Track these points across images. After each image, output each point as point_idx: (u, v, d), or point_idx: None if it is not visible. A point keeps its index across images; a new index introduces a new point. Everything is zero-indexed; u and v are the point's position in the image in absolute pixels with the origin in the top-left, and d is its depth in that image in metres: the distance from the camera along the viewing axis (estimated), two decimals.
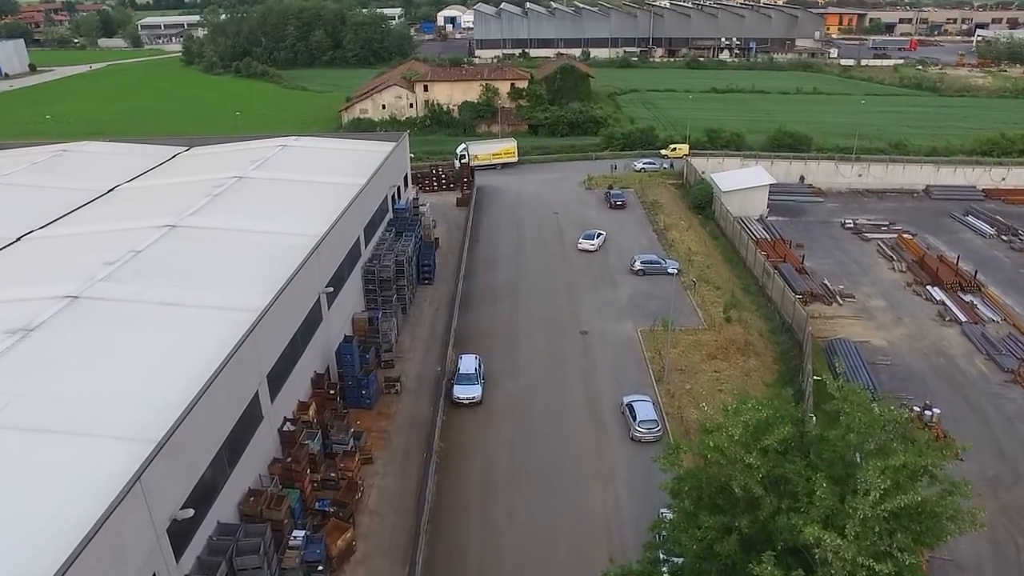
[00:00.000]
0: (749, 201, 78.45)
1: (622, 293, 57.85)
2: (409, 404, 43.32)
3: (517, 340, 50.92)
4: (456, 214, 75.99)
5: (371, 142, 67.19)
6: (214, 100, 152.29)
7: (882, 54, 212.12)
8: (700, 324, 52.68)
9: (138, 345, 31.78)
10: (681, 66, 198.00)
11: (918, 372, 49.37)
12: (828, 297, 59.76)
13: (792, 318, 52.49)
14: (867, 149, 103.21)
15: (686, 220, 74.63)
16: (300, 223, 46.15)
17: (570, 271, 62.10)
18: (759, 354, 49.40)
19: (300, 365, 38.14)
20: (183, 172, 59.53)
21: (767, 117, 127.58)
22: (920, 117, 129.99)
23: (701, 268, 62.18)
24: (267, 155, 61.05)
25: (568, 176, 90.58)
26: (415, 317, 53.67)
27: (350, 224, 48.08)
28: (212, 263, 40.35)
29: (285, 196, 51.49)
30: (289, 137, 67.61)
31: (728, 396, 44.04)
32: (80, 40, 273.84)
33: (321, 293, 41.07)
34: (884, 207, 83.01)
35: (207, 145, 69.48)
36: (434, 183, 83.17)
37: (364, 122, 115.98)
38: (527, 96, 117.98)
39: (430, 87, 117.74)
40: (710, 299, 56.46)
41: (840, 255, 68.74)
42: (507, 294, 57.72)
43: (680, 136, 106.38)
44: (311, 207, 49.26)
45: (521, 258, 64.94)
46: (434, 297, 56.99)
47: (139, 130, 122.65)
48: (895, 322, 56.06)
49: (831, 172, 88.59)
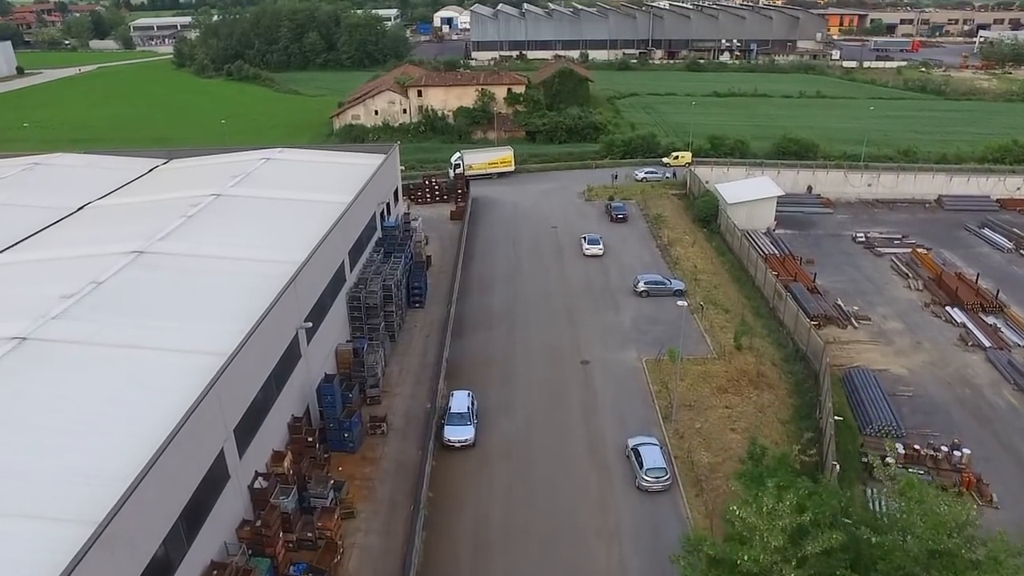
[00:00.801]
0: (756, 214, 75.17)
1: (625, 316, 54.50)
2: (396, 446, 39.93)
3: (514, 370, 47.56)
4: (450, 228, 72.60)
5: (359, 154, 63.78)
6: (204, 105, 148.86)
7: (884, 56, 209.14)
8: (709, 352, 49.35)
9: (88, 399, 28.40)
10: (681, 68, 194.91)
11: (942, 404, 46.09)
12: (842, 320, 56.47)
13: (807, 345, 49.18)
14: (875, 156, 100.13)
15: (691, 234, 71.31)
16: (279, 248, 42.80)
17: (570, 292, 58.74)
18: (772, 386, 46.08)
19: (275, 411, 34.75)
20: (159, 188, 56.10)
21: (771, 122, 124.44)
22: (927, 122, 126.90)
23: (708, 288, 58.86)
24: (249, 169, 57.66)
25: (567, 186, 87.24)
26: (404, 345, 50.28)
27: (333, 248, 44.71)
28: (179, 296, 36.92)
29: (264, 217, 48.09)
30: (273, 149, 64.20)
31: (740, 435, 40.90)
32: (71, 42, 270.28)
33: (299, 328, 37.67)
34: (896, 219, 79.77)
35: (188, 157, 66.03)
36: (427, 195, 79.75)
37: (356, 128, 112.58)
38: (524, 101, 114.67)
39: (424, 92, 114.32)
40: (719, 323, 53.13)
41: (853, 272, 65.47)
42: (503, 318, 54.35)
43: (682, 143, 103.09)
44: (292, 229, 45.90)
45: (518, 277, 61.57)
46: (425, 322, 53.61)
47: (124, 137, 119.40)
48: (914, 347, 52.77)
49: (840, 182, 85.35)
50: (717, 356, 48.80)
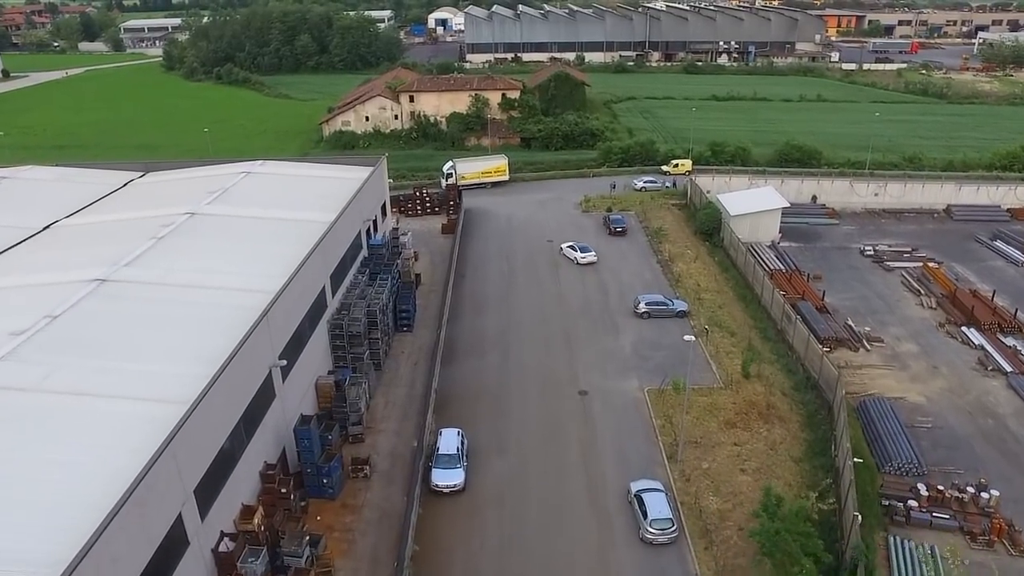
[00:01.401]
0: (760, 226, 72.27)
1: (625, 340, 51.51)
2: (380, 491, 36.88)
3: (507, 402, 44.53)
4: (441, 243, 69.54)
5: (345, 167, 60.68)
6: (192, 110, 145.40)
7: (884, 58, 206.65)
8: (715, 381, 46.37)
9: (28, 461, 25.33)
10: (679, 71, 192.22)
11: (964, 437, 43.20)
12: (854, 342, 53.56)
13: (819, 373, 46.24)
14: (880, 163, 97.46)
15: (693, 248, 68.36)
16: (254, 274, 39.74)
17: (567, 313, 55.73)
18: (783, 419, 43.12)
19: (244, 461, 31.69)
20: (131, 205, 52.98)
21: (772, 127, 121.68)
22: (931, 127, 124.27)
23: (712, 308, 55.91)
24: (227, 184, 54.55)
25: (563, 197, 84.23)
26: (391, 374, 47.21)
27: (313, 273, 41.65)
28: (141, 333, 33.82)
29: (240, 238, 44.99)
30: (255, 162, 61.09)
31: (751, 477, 37.97)
32: (60, 44, 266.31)
33: (273, 367, 34.61)
34: (904, 230, 76.94)
35: (166, 170, 62.88)
36: (417, 207, 76.68)
37: (346, 135, 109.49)
38: (519, 107, 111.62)
39: (416, 97, 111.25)
40: (724, 348, 50.18)
41: (862, 288, 62.60)
42: (496, 342, 51.31)
43: (682, 150, 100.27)
44: (269, 253, 42.83)
45: (512, 296, 58.54)
46: (413, 347, 50.56)
47: (108, 144, 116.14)
48: (931, 372, 49.90)
49: (846, 191, 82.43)
50: (724, 385, 45.82)
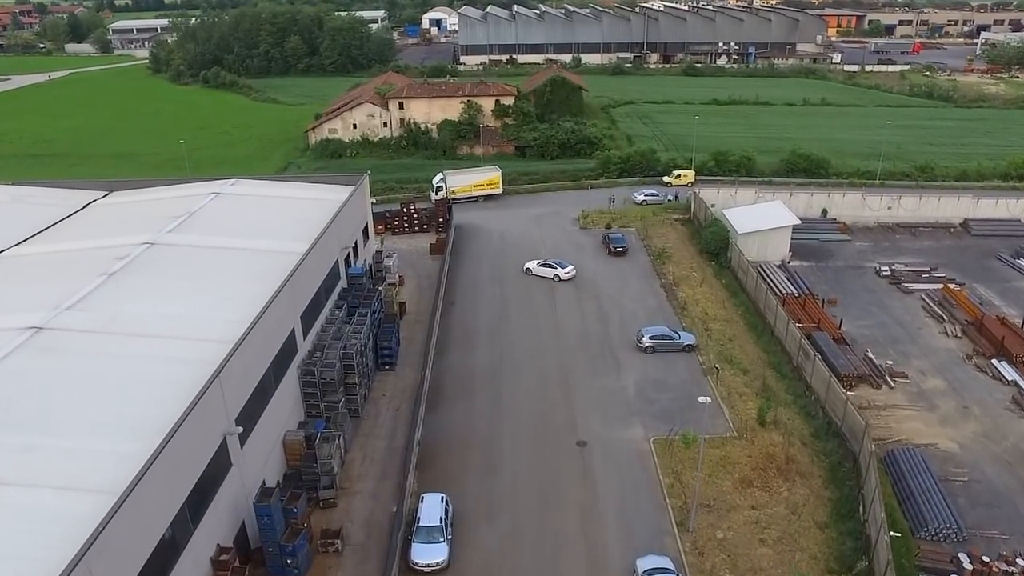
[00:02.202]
0: (769, 244, 68.00)
1: (627, 379, 47.11)
2: (353, 569, 32.47)
3: (498, 455, 40.12)
4: (429, 264, 65.07)
5: (323, 186, 56.21)
6: (176, 115, 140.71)
7: (886, 59, 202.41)
8: (728, 429, 42.03)
9: None
10: (677, 73, 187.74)
11: (1005, 493, 38.98)
12: (876, 377, 49.29)
13: (842, 420, 41.91)
14: (891, 173, 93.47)
15: (699, 270, 64.00)
16: (212, 320, 35.29)
17: (564, 345, 51.33)
18: (804, 475, 38.80)
19: (191, 550, 27.24)
20: (87, 232, 48.39)
21: (775, 133, 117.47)
22: (940, 132, 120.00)
23: (722, 340, 51.57)
24: (194, 207, 50.07)
25: (560, 211, 79.82)
26: (369, 422, 42.75)
27: (281, 316, 37.23)
28: (72, 398, 29.32)
29: (201, 274, 40.46)
30: (226, 181, 56.59)
31: (772, 549, 33.64)
32: (46, 45, 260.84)
33: (228, 434, 30.17)
34: (920, 246, 72.71)
35: (131, 190, 58.30)
36: (405, 224, 72.18)
37: (333, 144, 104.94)
38: (513, 114, 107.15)
39: (406, 104, 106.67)
40: (737, 389, 45.82)
41: (880, 314, 58.34)
42: (487, 382, 46.88)
43: (684, 159, 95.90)
44: (232, 291, 38.36)
45: (505, 327, 54.10)
46: (396, 388, 46.12)
47: (83, 152, 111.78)
48: (962, 414, 45.64)
49: (858, 205, 78.13)
50: (738, 434, 41.47)
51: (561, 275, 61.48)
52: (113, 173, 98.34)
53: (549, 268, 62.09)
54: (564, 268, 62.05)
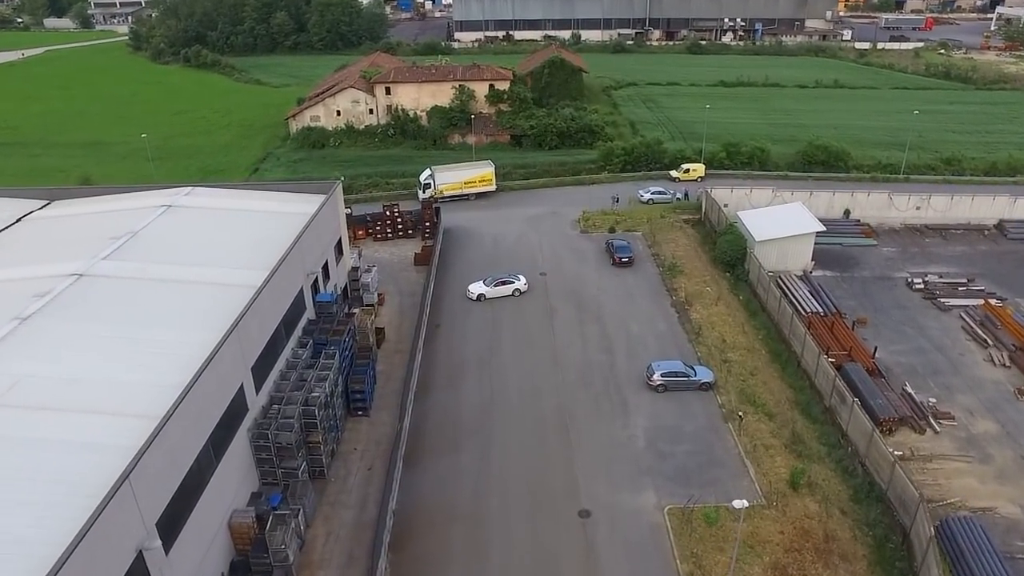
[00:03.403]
0: (790, 253, 61.62)
1: (637, 426, 41.00)
2: None
3: (487, 531, 34.11)
4: (413, 278, 58.65)
5: (290, 197, 49.57)
6: (153, 99, 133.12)
7: (898, 36, 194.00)
8: (755, 494, 35.97)
9: None
10: (681, 51, 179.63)
11: None
12: (918, 419, 43.26)
13: (888, 484, 35.89)
14: (915, 166, 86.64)
15: (713, 284, 57.66)
16: (137, 387, 29.03)
17: (564, 381, 45.12)
18: (847, 557, 32.88)
19: None
20: (10, 257, 41.80)
21: (788, 119, 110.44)
22: (962, 118, 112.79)
23: (743, 375, 45.39)
24: (139, 224, 43.61)
25: (558, 211, 73.21)
26: (337, 484, 36.68)
27: (225, 373, 30.98)
28: None
29: (134, 316, 34.07)
30: (180, 190, 50.01)
31: None
32: (24, 19, 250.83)
33: (145, 549, 24.05)
34: (952, 252, 66.31)
35: (75, 199, 51.66)
36: (388, 230, 65.56)
37: (315, 132, 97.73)
38: (509, 100, 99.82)
39: (393, 89, 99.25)
40: (763, 439, 39.72)
41: (915, 336, 52.20)
42: (474, 430, 40.74)
43: (692, 150, 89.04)
44: (168, 344, 32.04)
45: (496, 358, 47.81)
46: (370, 439, 40.00)
47: (51, 140, 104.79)
48: (1020, 466, 39.69)
49: (883, 205, 71.53)
50: (766, 502, 35.47)
51: (521, 288, 55.50)
52: (78, 164, 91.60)
53: (506, 284, 55.44)
54: (520, 279, 55.92)
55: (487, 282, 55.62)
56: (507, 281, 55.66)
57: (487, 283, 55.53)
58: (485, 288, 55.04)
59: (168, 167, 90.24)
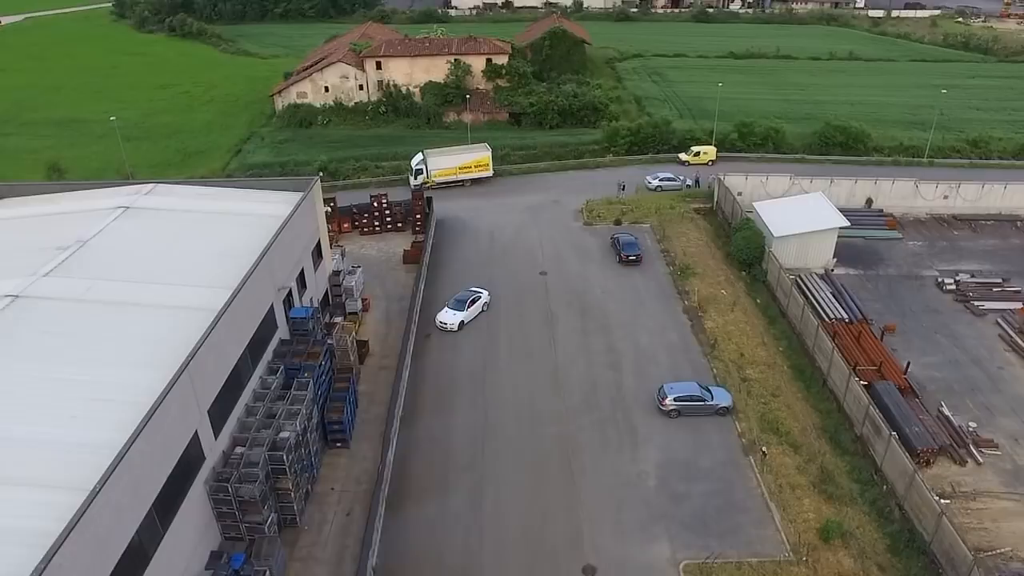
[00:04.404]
0: (811, 249, 57.02)
1: (647, 461, 36.77)
2: None
3: None
4: (402, 279, 54.04)
5: (263, 195, 44.67)
6: (135, 71, 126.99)
7: (914, 2, 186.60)
8: (781, 546, 31.87)
9: None
10: (687, 19, 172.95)
11: None
12: (958, 448, 39.10)
13: (931, 536, 31.74)
14: (939, 148, 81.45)
15: (728, 286, 53.10)
16: (64, 447, 24.67)
17: (566, 407, 40.68)
18: None
19: None
20: None
21: (803, 95, 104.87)
22: (985, 93, 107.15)
23: (763, 396, 41.05)
24: (91, 231, 38.94)
25: (559, 199, 68.35)
26: (311, 534, 32.52)
27: (173, 423, 26.59)
28: None
29: (71, 351, 29.53)
30: (142, 187, 45.18)
31: None
32: None
33: None
34: (983, 247, 61.64)
35: (23, 196, 46.79)
36: (375, 222, 60.75)
37: (302, 109, 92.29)
38: (507, 75, 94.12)
39: (384, 64, 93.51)
40: (788, 477, 35.51)
41: (949, 346, 47.85)
42: (465, 466, 36.50)
43: (702, 130, 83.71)
44: (110, 386, 27.59)
45: (492, 376, 43.41)
46: (349, 476, 35.81)
47: (22, 118, 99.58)
48: None
49: (909, 193, 66.66)
50: (794, 556, 31.35)
51: (487, 301, 49.61)
52: (50, 145, 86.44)
53: (475, 303, 48.81)
54: (484, 293, 49.86)
55: (454, 305, 48.19)
56: (475, 299, 48.90)
57: (456, 306, 48.09)
58: (463, 314, 47.60)
59: (145, 148, 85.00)
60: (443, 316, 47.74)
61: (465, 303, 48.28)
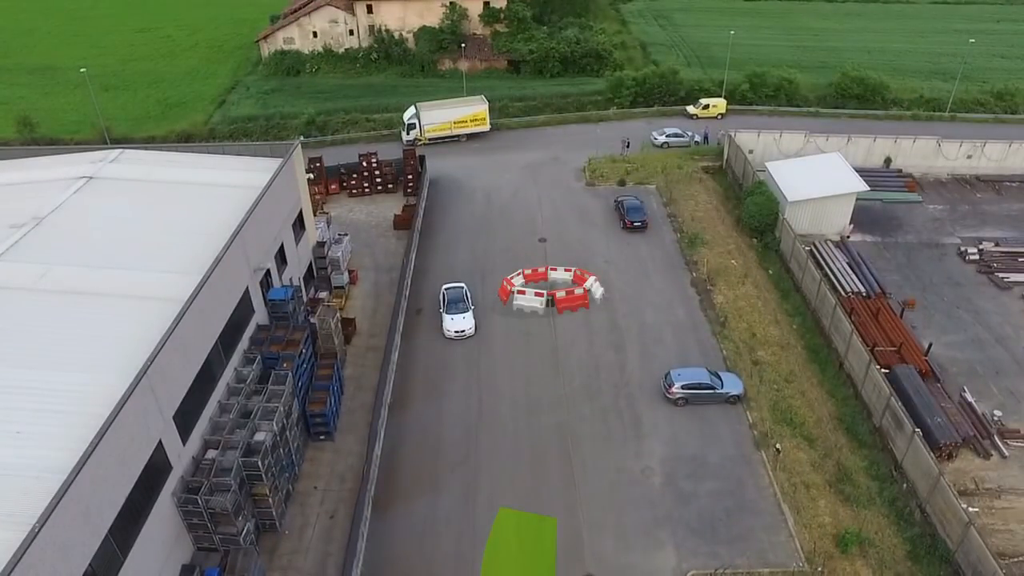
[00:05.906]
0: (826, 215, 53.82)
1: (652, 454, 34.49)
2: None
3: None
4: (392, 246, 50.97)
5: (240, 160, 41.28)
6: (114, 12, 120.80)
7: None
8: (794, 555, 29.79)
9: None
10: None
11: None
12: (982, 439, 36.78)
13: (956, 545, 29.61)
14: (962, 101, 77.14)
15: (739, 255, 50.04)
16: (8, 470, 22.15)
17: (566, 393, 38.21)
18: None
19: None
20: None
21: (816, 41, 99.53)
22: (1010, 40, 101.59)
23: (776, 382, 38.53)
24: (51, 204, 35.81)
25: (560, 156, 64.68)
26: (292, 540, 30.40)
27: (132, 436, 24.05)
28: None
29: (20, 354, 26.73)
30: (109, 153, 41.70)
31: None
32: None
33: None
34: (1008, 211, 58.31)
35: None
36: (364, 184, 57.28)
37: (289, 56, 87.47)
38: (505, 19, 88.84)
39: (375, 7, 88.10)
40: (803, 475, 33.24)
41: (971, 323, 45.13)
42: (458, 460, 34.22)
43: (711, 81, 79.25)
44: (62, 394, 24.89)
45: (486, 358, 40.67)
46: (334, 472, 33.56)
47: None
48: None
49: (930, 152, 62.94)
50: (809, 566, 29.29)
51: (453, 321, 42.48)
52: (22, 95, 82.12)
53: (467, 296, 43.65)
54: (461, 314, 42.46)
55: (456, 308, 42.18)
56: (465, 293, 43.67)
57: (458, 309, 42.17)
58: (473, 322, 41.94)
59: (124, 99, 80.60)
60: (455, 324, 41.55)
61: (464, 302, 43.05)
